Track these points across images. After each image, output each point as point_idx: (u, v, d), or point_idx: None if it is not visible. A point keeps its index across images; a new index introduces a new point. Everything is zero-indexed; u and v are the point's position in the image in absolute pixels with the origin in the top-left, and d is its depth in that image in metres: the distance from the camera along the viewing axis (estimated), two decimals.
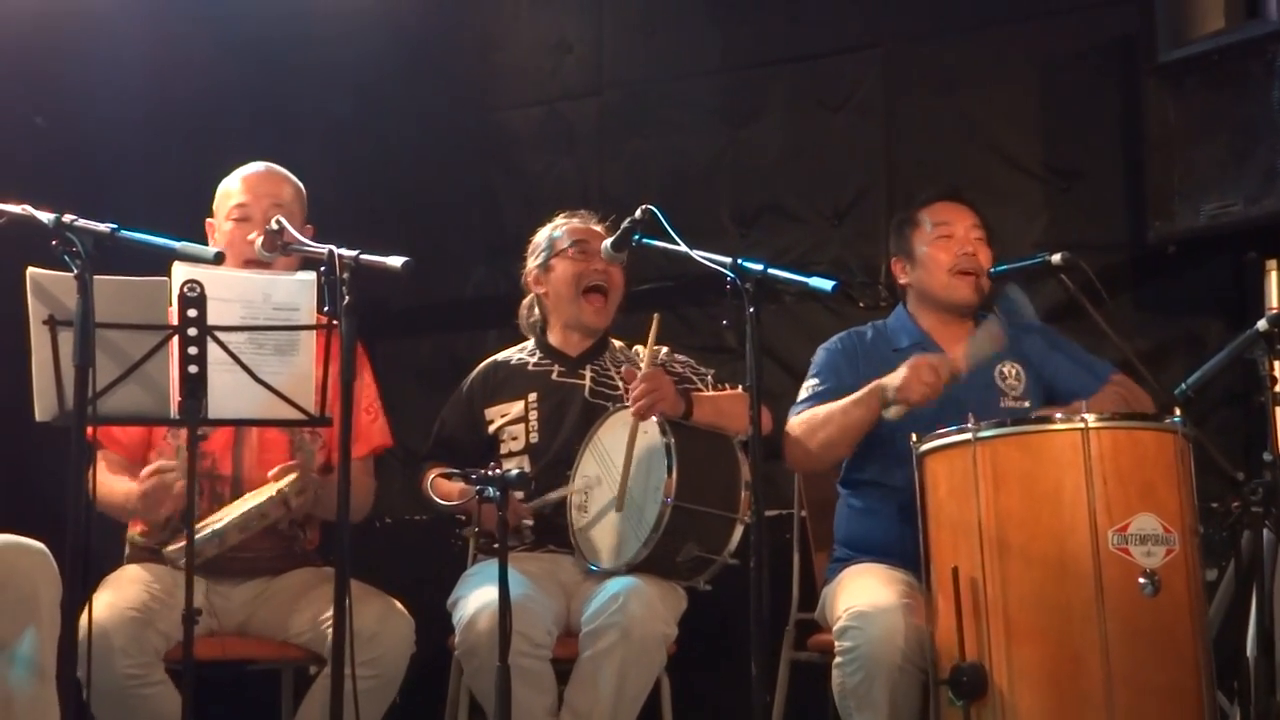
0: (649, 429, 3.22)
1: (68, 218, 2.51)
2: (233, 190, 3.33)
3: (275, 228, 2.86)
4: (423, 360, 4.69)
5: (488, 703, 3.03)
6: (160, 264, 2.61)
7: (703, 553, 3.17)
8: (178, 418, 2.62)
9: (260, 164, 3.39)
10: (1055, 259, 3.26)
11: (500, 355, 3.70)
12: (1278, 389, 2.95)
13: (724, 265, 2.77)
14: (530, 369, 3.61)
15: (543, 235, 3.67)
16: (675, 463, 3.11)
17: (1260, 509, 2.72)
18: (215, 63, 4.67)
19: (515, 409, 3.54)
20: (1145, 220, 3.81)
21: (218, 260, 2.59)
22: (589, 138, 4.66)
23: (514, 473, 2.82)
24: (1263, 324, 2.89)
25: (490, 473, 2.81)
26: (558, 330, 3.65)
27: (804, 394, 3.36)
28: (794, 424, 3.30)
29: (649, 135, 4.58)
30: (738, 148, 4.48)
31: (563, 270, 3.59)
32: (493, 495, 2.79)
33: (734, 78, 4.52)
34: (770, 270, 2.75)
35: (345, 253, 2.62)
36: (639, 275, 4.04)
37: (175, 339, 2.57)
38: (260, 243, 2.91)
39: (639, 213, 2.97)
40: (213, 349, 2.60)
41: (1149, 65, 3.76)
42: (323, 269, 2.63)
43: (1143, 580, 2.68)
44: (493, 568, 2.83)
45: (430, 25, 4.76)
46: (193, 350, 2.57)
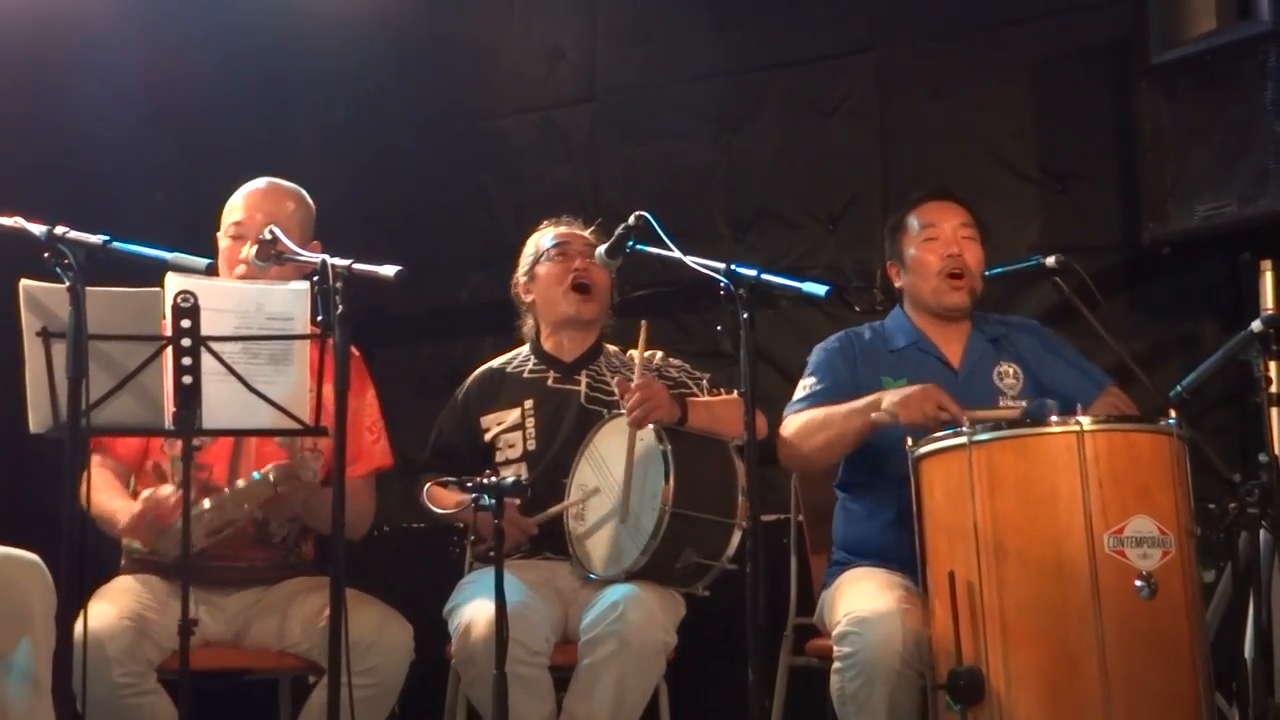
0: (645, 436, 3.22)
1: (60, 229, 2.51)
2: (233, 207, 3.32)
3: (269, 237, 2.86)
4: (419, 367, 4.69)
5: (486, 711, 3.03)
6: (153, 275, 2.61)
7: (701, 559, 3.16)
8: (172, 428, 2.62)
9: (263, 180, 3.36)
10: (1049, 262, 3.25)
11: (495, 362, 3.69)
12: (1273, 389, 2.96)
13: (718, 271, 2.77)
14: (525, 376, 3.61)
15: (529, 245, 3.69)
16: (673, 469, 3.11)
17: (1257, 510, 2.72)
18: (210, 72, 4.66)
19: (511, 416, 3.54)
20: (1139, 222, 3.81)
21: (209, 271, 2.59)
22: (583, 144, 4.66)
23: (510, 481, 2.81)
24: (1257, 325, 2.89)
25: (486, 481, 2.81)
26: (551, 336, 3.64)
27: (800, 393, 3.34)
28: (789, 424, 3.29)
29: (643, 141, 4.57)
30: (732, 153, 4.48)
31: (545, 273, 3.60)
32: (489, 504, 2.79)
33: (727, 83, 4.51)
34: (764, 276, 2.74)
35: (338, 262, 2.62)
36: (634, 281, 4.04)
37: (169, 350, 2.57)
38: (254, 252, 2.91)
39: (633, 219, 2.96)
40: (207, 359, 2.59)
41: (1141, 67, 3.76)
42: (316, 278, 2.62)
43: (1139, 583, 2.66)
44: (489, 576, 2.83)
45: (425, 34, 4.76)
46: (187, 361, 2.56)
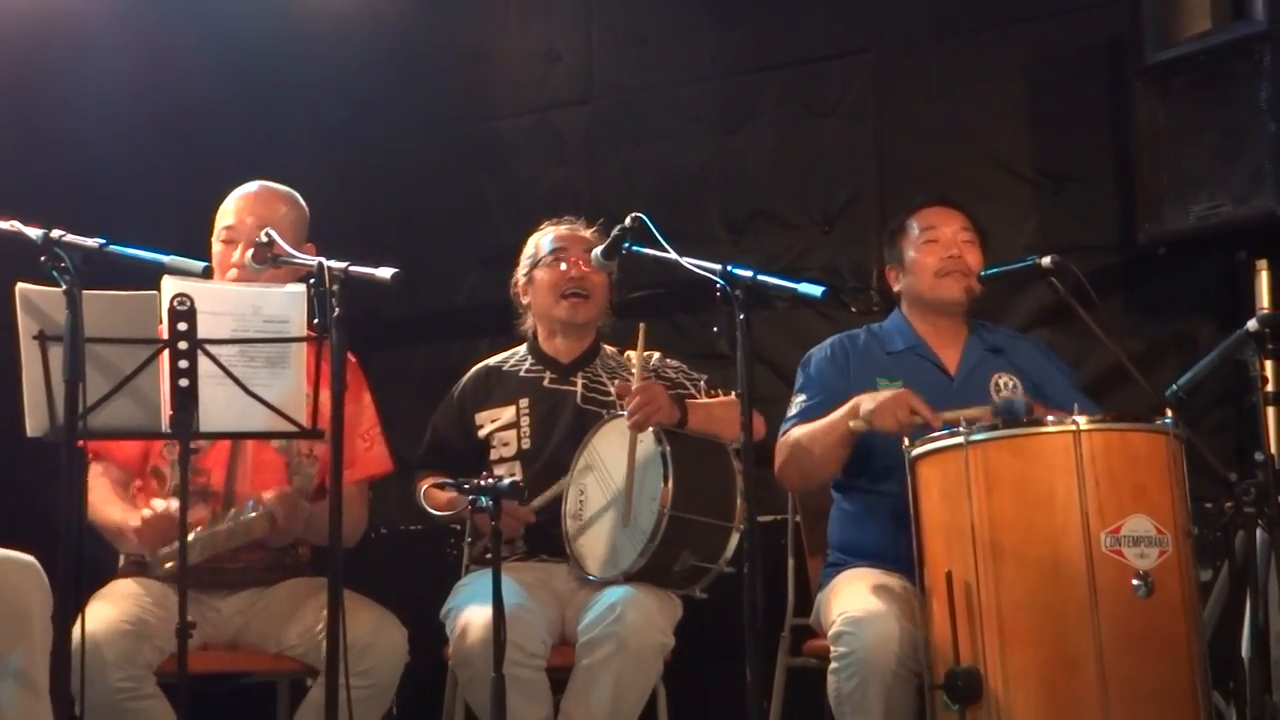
0: (645, 437, 3.22)
1: (56, 233, 2.51)
2: (224, 210, 3.31)
3: (264, 240, 2.86)
4: (416, 369, 4.69)
5: (483, 713, 3.04)
6: (150, 278, 2.60)
7: (699, 561, 3.16)
8: (169, 431, 2.61)
9: (256, 184, 3.34)
10: (1045, 262, 3.25)
11: (492, 360, 3.69)
12: (1268, 388, 2.96)
13: (714, 272, 2.78)
14: (522, 375, 3.61)
15: (529, 245, 3.68)
16: (672, 472, 3.11)
17: (1253, 509, 2.71)
18: (206, 75, 4.65)
19: (506, 414, 3.54)
20: (1135, 222, 3.81)
21: (206, 274, 2.59)
22: (579, 146, 4.66)
23: (506, 482, 2.82)
24: (1253, 324, 2.89)
25: (483, 482, 2.81)
26: (548, 337, 3.64)
27: (792, 410, 3.35)
28: (782, 445, 3.29)
29: (639, 143, 4.58)
30: (728, 154, 4.48)
31: (542, 278, 3.60)
32: (485, 505, 2.79)
33: (723, 84, 4.52)
34: (760, 276, 2.75)
35: (334, 264, 2.62)
36: (630, 282, 4.04)
37: (166, 353, 2.56)
38: (250, 255, 2.91)
39: (629, 220, 2.96)
40: (204, 362, 2.59)
41: (1136, 67, 3.76)
42: (312, 281, 2.62)
43: (1136, 582, 2.66)
44: (486, 578, 2.83)
45: (420, 36, 4.76)
46: (183, 364, 2.56)
